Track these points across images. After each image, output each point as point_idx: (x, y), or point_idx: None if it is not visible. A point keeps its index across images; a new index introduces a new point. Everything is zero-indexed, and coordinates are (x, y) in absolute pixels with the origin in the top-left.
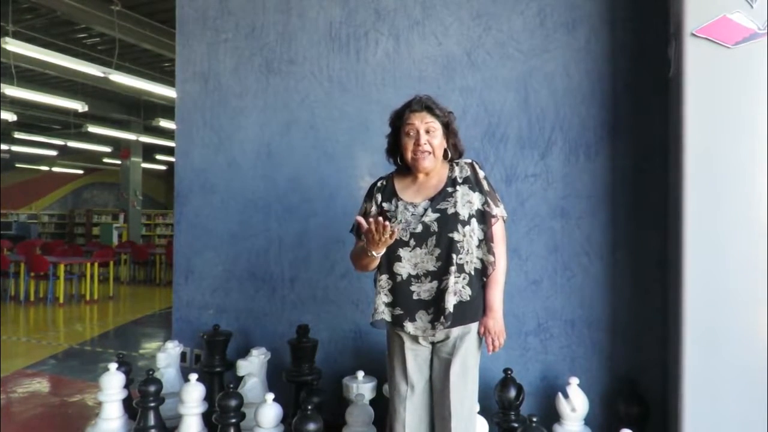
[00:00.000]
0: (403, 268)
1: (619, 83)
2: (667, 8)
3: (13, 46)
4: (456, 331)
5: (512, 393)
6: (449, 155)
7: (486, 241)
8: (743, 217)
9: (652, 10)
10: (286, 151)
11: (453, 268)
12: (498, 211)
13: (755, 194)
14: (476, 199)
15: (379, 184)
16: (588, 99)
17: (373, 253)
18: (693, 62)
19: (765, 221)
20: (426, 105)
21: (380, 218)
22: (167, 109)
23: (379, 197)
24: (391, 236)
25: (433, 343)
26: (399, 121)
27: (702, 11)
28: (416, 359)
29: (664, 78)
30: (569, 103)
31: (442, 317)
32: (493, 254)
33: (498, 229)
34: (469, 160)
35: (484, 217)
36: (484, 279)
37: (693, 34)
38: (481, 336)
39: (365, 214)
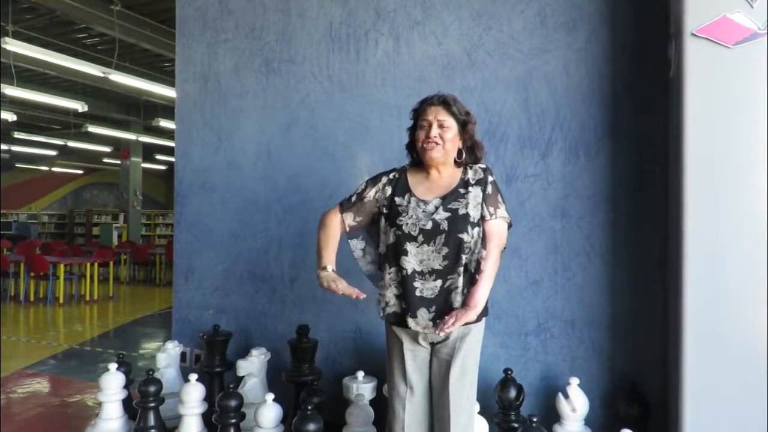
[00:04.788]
0: (409, 263)
1: (619, 83)
2: (667, 8)
3: (13, 46)
4: (456, 332)
5: (512, 393)
6: (463, 157)
7: (482, 239)
8: (743, 217)
9: (652, 10)
10: (286, 151)
11: (461, 269)
12: (499, 212)
13: (755, 194)
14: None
15: (390, 176)
16: (588, 99)
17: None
18: (693, 62)
19: (765, 221)
20: (443, 100)
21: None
22: (167, 109)
23: (389, 190)
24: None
25: (432, 344)
26: (416, 114)
27: (702, 11)
28: (415, 360)
29: (664, 78)
30: (569, 103)
31: (446, 317)
32: (486, 249)
33: (494, 228)
34: (484, 165)
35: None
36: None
37: (693, 34)
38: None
39: (360, 196)
